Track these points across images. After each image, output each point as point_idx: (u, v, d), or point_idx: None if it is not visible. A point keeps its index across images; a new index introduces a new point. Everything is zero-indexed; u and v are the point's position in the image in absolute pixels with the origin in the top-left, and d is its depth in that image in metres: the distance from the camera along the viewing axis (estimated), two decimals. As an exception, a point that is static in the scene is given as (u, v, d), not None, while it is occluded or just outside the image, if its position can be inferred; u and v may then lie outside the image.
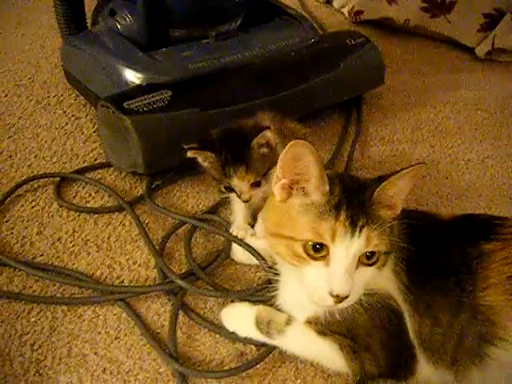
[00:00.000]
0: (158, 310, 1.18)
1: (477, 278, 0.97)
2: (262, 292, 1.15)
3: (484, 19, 2.25)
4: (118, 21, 1.62)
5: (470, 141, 1.81)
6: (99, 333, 1.13)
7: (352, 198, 0.89)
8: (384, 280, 0.99)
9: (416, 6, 2.30)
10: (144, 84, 1.46)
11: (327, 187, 0.89)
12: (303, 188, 0.91)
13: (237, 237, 1.26)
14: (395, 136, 1.78)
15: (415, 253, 1.00)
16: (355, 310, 0.96)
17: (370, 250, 0.88)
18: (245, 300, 1.16)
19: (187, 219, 1.32)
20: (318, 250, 0.88)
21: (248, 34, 1.70)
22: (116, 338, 1.12)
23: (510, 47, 2.26)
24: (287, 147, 0.88)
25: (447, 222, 1.08)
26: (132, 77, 1.47)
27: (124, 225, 1.36)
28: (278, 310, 1.09)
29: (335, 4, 2.57)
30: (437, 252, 1.01)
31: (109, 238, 1.33)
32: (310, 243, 0.88)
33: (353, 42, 1.78)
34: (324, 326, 1.01)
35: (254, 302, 1.14)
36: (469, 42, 2.32)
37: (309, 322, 1.03)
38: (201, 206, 1.42)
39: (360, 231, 0.86)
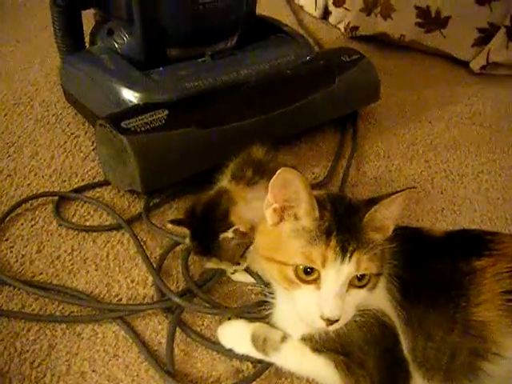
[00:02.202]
0: (155, 328, 1.19)
1: (469, 294, 0.97)
2: (258, 309, 1.16)
3: (478, 33, 2.26)
4: (115, 40, 1.64)
5: (465, 155, 1.82)
6: (98, 351, 1.14)
7: (342, 223, 0.90)
8: (377, 297, 0.99)
9: (411, 21, 2.32)
10: (141, 103, 1.47)
11: (317, 212, 0.90)
12: (294, 213, 0.93)
13: None
14: (390, 151, 1.79)
15: (408, 269, 1.01)
16: (349, 327, 0.97)
17: (360, 273, 0.89)
18: (241, 317, 1.18)
19: (182, 240, 1.33)
20: (308, 273, 0.89)
21: (244, 52, 1.71)
22: (114, 356, 1.13)
23: (505, 61, 2.28)
24: (276, 174, 0.88)
25: (439, 238, 1.08)
26: (129, 96, 1.49)
27: (122, 243, 1.37)
28: (274, 327, 1.10)
29: (331, 20, 2.59)
30: (429, 268, 1.02)
31: (107, 256, 1.34)
32: (301, 267, 0.89)
33: (348, 59, 1.79)
34: (318, 343, 1.02)
35: (251, 320, 1.16)
36: (464, 56, 2.33)
37: (303, 340, 1.04)
38: (197, 224, 1.43)
39: (350, 256, 0.87)
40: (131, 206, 1.48)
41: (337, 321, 0.89)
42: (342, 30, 2.51)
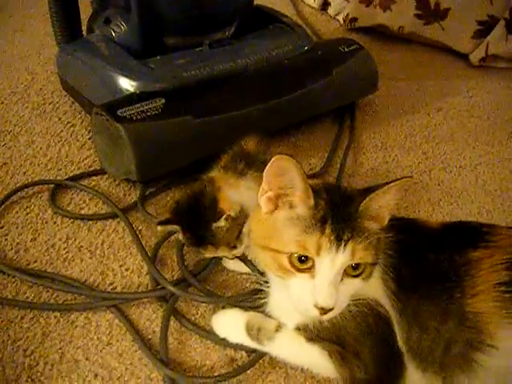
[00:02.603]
0: (149, 316, 1.19)
1: (464, 286, 0.97)
2: (252, 298, 1.16)
3: (478, 26, 2.25)
4: (112, 29, 1.63)
5: (463, 147, 1.82)
6: (91, 339, 1.14)
7: (338, 211, 0.90)
8: (372, 287, 0.99)
9: (410, 13, 2.31)
10: (138, 92, 1.46)
11: (312, 201, 0.90)
12: (289, 201, 0.92)
13: None
14: (388, 143, 1.79)
15: (403, 260, 1.01)
16: (344, 316, 0.97)
17: (355, 262, 0.89)
18: (236, 306, 1.17)
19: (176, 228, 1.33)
20: (303, 262, 0.89)
21: (242, 41, 1.70)
22: (108, 344, 1.13)
23: (504, 54, 2.27)
24: (271, 161, 0.88)
25: (436, 229, 1.08)
26: (126, 84, 1.48)
27: (117, 231, 1.37)
28: (268, 316, 1.10)
29: (330, 11, 2.57)
30: (425, 260, 1.02)
31: (102, 244, 1.34)
32: (295, 255, 0.89)
33: (346, 50, 1.79)
34: (313, 333, 1.02)
35: (245, 309, 1.15)
36: (463, 48, 2.33)
37: (298, 329, 1.03)
38: (194, 213, 1.43)
39: (345, 245, 0.87)
40: (127, 194, 1.48)
41: (331, 310, 0.89)
42: (341, 21, 2.50)
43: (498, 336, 0.95)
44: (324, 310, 0.89)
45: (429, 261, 1.02)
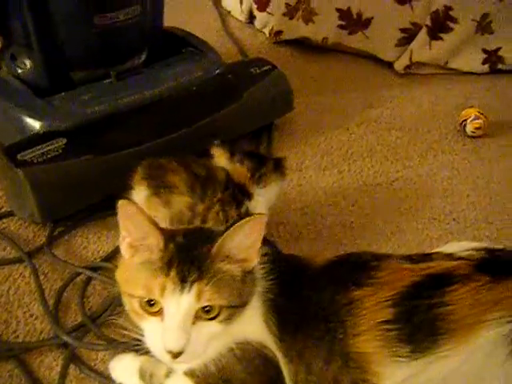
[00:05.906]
0: (50, 364, 1.18)
1: (347, 326, 0.98)
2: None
3: (401, 33, 2.28)
4: (18, 66, 1.62)
5: (381, 163, 1.82)
6: (-11, 392, 1.13)
7: (188, 254, 0.90)
8: (256, 330, 1.00)
9: (333, 24, 2.32)
10: (41, 132, 1.45)
11: (162, 244, 0.90)
12: (145, 246, 0.92)
13: None
14: (304, 163, 1.78)
15: (286, 302, 1.01)
16: (229, 360, 0.97)
17: (203, 304, 0.89)
18: (132, 351, 1.18)
19: (80, 269, 1.33)
20: (152, 305, 0.89)
21: (150, 70, 1.70)
22: (6, 397, 1.13)
23: (428, 60, 2.31)
24: (118, 207, 0.89)
25: (319, 267, 1.08)
26: (31, 124, 1.47)
27: (24, 276, 1.36)
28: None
29: (257, 24, 2.56)
30: (307, 300, 1.02)
31: (8, 290, 1.33)
32: (144, 299, 0.89)
33: (257, 71, 1.79)
34: (200, 378, 1.02)
35: (140, 353, 1.15)
36: (387, 56, 2.35)
37: (186, 374, 1.04)
38: (101, 252, 1.43)
39: (190, 286, 0.87)
40: (36, 236, 1.47)
41: (180, 353, 0.89)
42: (267, 34, 2.49)
43: (384, 375, 0.96)
44: (174, 354, 0.89)
45: (311, 302, 1.02)
